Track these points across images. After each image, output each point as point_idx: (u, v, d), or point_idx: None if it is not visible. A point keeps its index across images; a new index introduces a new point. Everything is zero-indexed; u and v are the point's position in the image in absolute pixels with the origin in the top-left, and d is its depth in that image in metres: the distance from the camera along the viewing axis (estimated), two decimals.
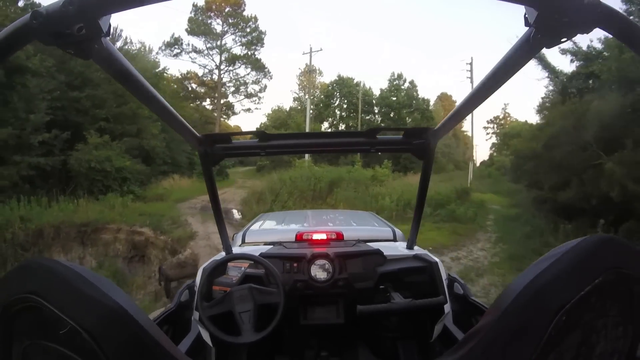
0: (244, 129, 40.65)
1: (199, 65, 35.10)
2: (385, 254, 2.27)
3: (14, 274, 0.80)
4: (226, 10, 31.30)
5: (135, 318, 0.75)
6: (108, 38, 0.84)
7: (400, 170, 22.66)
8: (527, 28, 0.84)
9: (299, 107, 36.42)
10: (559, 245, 0.85)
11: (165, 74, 26.63)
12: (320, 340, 2.38)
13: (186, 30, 31.90)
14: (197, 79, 33.47)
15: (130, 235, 11.15)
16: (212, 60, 32.86)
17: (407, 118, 32.75)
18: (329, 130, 33.97)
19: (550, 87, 13.61)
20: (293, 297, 2.07)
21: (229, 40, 32.17)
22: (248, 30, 32.24)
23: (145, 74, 11.81)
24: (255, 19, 32.11)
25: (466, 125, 42.20)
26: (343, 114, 34.72)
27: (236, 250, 2.55)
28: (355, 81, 34.59)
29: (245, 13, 31.94)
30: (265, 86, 35.14)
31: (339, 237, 2.46)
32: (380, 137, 1.97)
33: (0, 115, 14.04)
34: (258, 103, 36.36)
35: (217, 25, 31.49)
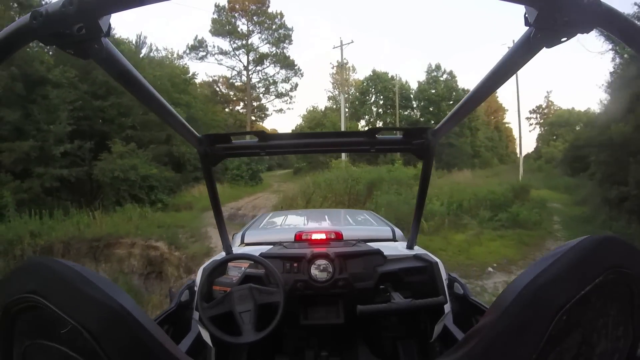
0: (280, 132, 38.89)
1: (227, 67, 34.17)
2: (385, 253, 2.29)
3: (15, 274, 0.79)
4: (250, 8, 30.72)
5: (137, 318, 0.74)
6: (108, 38, 0.84)
7: (444, 167, 20.41)
8: (527, 28, 0.85)
9: (334, 106, 35.68)
10: None
11: (194, 79, 26.77)
12: (321, 340, 2.39)
13: (210, 31, 31.07)
14: (226, 83, 33.13)
15: (145, 250, 10.65)
16: (240, 61, 32.15)
17: (447, 111, 29.05)
18: (366, 128, 31.67)
19: (618, 60, 11.03)
20: (293, 297, 2.08)
21: (255, 39, 31.50)
22: (274, 27, 31.46)
23: (175, 80, 16.53)
24: (281, 15, 31.30)
25: (508, 116, 38.99)
26: (380, 110, 33.61)
27: (236, 250, 2.59)
28: (390, 75, 33.33)
29: (270, 10, 31.24)
30: (296, 84, 33.81)
31: (338, 236, 2.49)
32: (380, 137, 1.98)
33: (22, 128, 14.38)
34: (290, 103, 35.23)
35: (243, 25, 31.02)
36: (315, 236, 2.52)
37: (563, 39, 0.84)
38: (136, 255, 10.47)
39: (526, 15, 0.82)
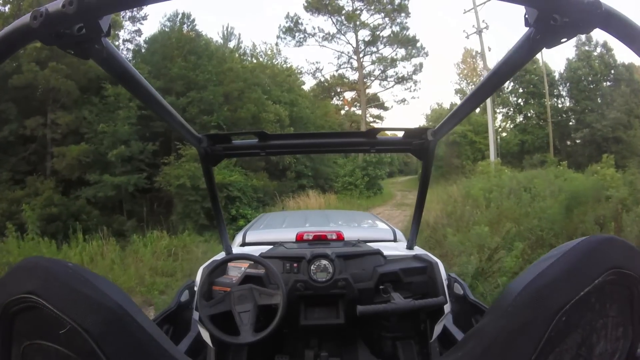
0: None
1: (333, 51, 29.03)
2: (385, 254, 2.39)
3: (12, 274, 0.79)
4: None
5: (135, 318, 0.77)
6: (108, 38, 0.88)
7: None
8: (527, 28, 0.86)
9: None
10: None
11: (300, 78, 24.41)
12: (321, 340, 2.45)
13: (304, 6, 26.20)
14: (340, 80, 27.81)
15: None
16: (348, 42, 26.70)
17: (608, 96, 23.12)
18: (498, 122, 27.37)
19: None
20: (293, 298, 2.19)
21: (363, 15, 25.83)
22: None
23: (276, 79, 18.33)
24: None
25: None
26: (519, 100, 26.42)
27: (236, 250, 2.71)
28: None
29: None
30: (421, 65, 27.62)
31: (339, 237, 2.58)
32: (380, 137, 2.03)
33: (78, 130, 12.69)
34: (414, 90, 28.70)
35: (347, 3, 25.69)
36: (316, 236, 2.60)
37: (563, 40, 0.83)
38: None
39: (526, 16, 0.82)
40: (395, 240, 2.96)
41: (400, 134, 2.08)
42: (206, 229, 12.13)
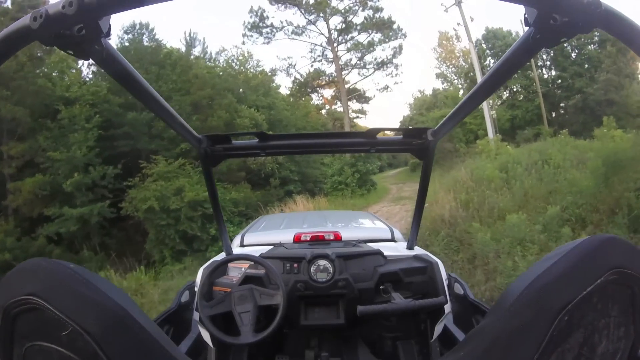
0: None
1: (306, 44, 27.97)
2: (385, 254, 2.42)
3: (14, 275, 0.80)
4: None
5: (137, 319, 0.78)
6: (108, 39, 0.90)
7: None
8: (527, 28, 0.89)
9: (445, 85, 29.45)
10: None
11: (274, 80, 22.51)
12: (321, 340, 2.48)
13: None
14: (316, 74, 25.88)
15: None
16: (320, 33, 24.95)
17: (595, 60, 22.70)
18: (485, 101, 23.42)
19: None
20: (293, 298, 2.22)
21: (332, 2, 23.99)
22: None
23: (251, 83, 17.25)
24: None
25: None
26: None
27: (236, 251, 2.77)
28: (506, 30, 25.66)
29: None
30: (400, 47, 25.61)
31: (337, 237, 2.60)
32: (380, 137, 2.07)
33: (33, 161, 11.50)
34: (396, 75, 26.36)
35: None
36: (313, 237, 2.63)
37: (563, 39, 0.85)
38: None
39: (526, 16, 0.83)
40: (393, 239, 3.00)
41: (401, 134, 2.23)
42: (184, 254, 11.13)
